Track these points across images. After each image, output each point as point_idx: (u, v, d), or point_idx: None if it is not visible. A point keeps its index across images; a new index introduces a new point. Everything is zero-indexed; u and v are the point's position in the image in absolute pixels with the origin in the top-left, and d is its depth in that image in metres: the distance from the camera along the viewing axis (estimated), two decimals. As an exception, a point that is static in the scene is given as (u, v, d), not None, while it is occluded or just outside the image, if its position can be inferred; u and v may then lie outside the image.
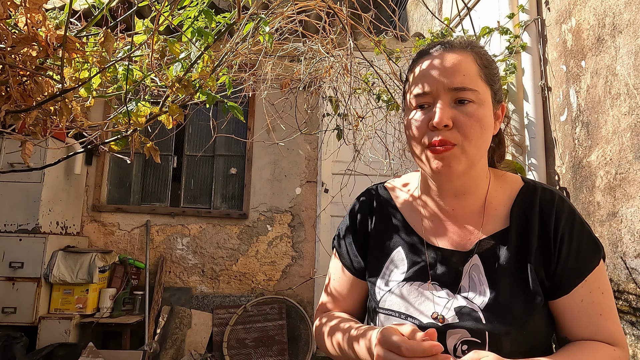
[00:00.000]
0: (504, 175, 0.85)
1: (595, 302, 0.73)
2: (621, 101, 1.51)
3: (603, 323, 0.72)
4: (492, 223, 0.79)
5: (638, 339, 1.41)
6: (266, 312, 3.63)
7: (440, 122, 0.72)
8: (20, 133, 1.46)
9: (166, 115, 1.33)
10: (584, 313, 0.73)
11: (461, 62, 0.76)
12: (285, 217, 3.88)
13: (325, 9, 1.68)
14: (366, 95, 2.24)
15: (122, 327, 3.27)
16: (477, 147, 0.75)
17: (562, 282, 0.74)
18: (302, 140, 3.90)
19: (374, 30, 1.96)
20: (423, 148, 0.76)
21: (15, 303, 3.08)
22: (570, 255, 0.74)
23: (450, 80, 0.75)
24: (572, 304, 0.73)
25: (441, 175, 0.75)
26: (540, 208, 0.77)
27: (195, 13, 1.20)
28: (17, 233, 3.20)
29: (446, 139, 0.73)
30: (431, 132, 0.74)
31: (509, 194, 0.81)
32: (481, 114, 0.75)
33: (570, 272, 0.73)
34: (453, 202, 0.82)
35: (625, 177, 1.47)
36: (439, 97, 0.75)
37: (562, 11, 1.89)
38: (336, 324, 0.85)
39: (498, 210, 0.80)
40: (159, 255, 3.75)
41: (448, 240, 0.80)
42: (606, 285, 0.74)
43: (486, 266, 0.75)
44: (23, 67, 1.02)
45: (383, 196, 0.91)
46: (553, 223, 0.75)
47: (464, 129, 0.73)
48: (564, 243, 0.74)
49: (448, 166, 0.73)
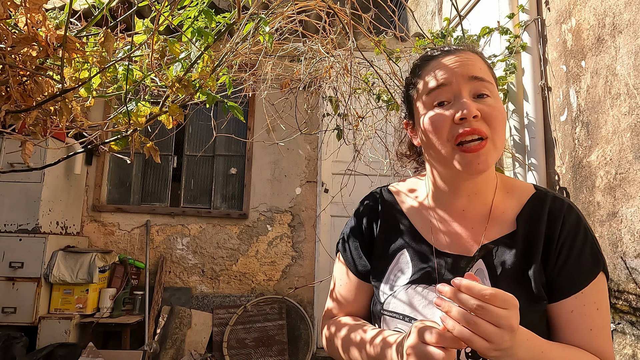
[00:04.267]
0: (514, 181, 0.85)
1: (587, 316, 0.71)
2: (621, 101, 1.51)
3: (592, 338, 0.71)
4: (498, 226, 0.78)
5: (638, 339, 1.41)
6: (266, 312, 3.63)
7: (471, 113, 0.70)
8: (20, 133, 1.46)
9: (166, 115, 1.33)
10: (573, 324, 0.71)
11: (475, 58, 0.77)
12: (285, 217, 3.88)
13: (325, 9, 1.68)
14: (366, 95, 2.24)
15: (122, 327, 3.27)
16: (502, 139, 0.74)
17: (556, 290, 0.73)
18: (302, 140, 3.90)
19: (374, 30, 1.96)
20: (452, 147, 0.73)
21: (15, 303, 3.08)
22: (567, 264, 0.73)
23: (468, 69, 0.74)
24: (562, 312, 0.72)
25: (475, 172, 0.73)
26: (549, 215, 0.76)
27: (195, 13, 1.20)
28: (17, 233, 3.20)
29: (476, 127, 0.71)
30: (457, 125, 0.72)
31: (518, 199, 0.80)
32: (500, 107, 0.74)
33: (565, 282, 0.73)
34: (464, 202, 0.81)
35: (625, 177, 1.47)
36: (460, 89, 0.73)
37: (562, 11, 1.89)
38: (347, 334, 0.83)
39: (505, 214, 0.79)
40: (159, 255, 3.75)
41: (454, 245, 0.79)
42: (603, 301, 0.72)
43: (490, 270, 0.75)
44: (23, 67, 1.02)
45: (388, 200, 0.90)
46: (559, 229, 0.74)
47: (491, 120, 0.72)
48: (563, 250, 0.73)
49: (485, 162, 0.72)
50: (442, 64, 0.76)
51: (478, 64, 0.76)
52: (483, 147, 0.71)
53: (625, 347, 1.46)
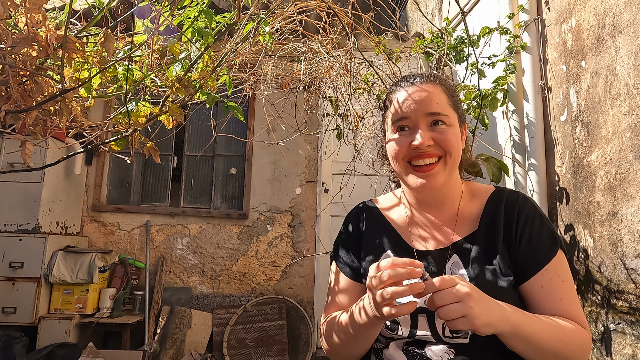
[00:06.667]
0: (478, 186, 0.99)
1: (556, 289, 0.83)
2: (621, 101, 1.51)
3: (565, 307, 0.82)
4: (466, 225, 0.92)
5: (638, 339, 1.41)
6: (266, 312, 3.63)
7: (423, 144, 0.86)
8: (20, 133, 1.46)
9: (166, 115, 1.33)
10: (546, 298, 0.83)
11: (434, 93, 0.91)
12: (285, 217, 3.87)
13: (325, 9, 1.68)
14: (366, 95, 2.24)
15: (122, 327, 3.27)
16: (455, 160, 0.89)
17: (524, 269, 0.85)
18: (302, 140, 3.90)
19: (374, 30, 1.96)
20: (407, 167, 0.90)
21: (15, 303, 3.08)
22: (530, 246, 0.85)
23: (427, 106, 0.89)
24: (533, 289, 0.84)
25: (425, 189, 0.88)
26: (505, 207, 0.90)
27: (195, 13, 1.20)
28: (17, 233, 3.20)
29: (429, 151, 0.87)
30: (412, 150, 0.88)
31: (480, 200, 0.95)
32: (454, 132, 0.90)
33: (531, 261, 0.84)
34: (433, 211, 0.95)
35: (625, 177, 1.47)
36: (418, 122, 0.89)
37: (562, 11, 1.89)
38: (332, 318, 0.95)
39: (472, 214, 0.93)
40: (159, 255, 3.75)
41: (430, 243, 0.93)
42: (566, 274, 0.85)
43: (463, 261, 0.87)
44: (23, 67, 1.02)
45: (371, 207, 1.05)
46: (515, 218, 0.88)
47: (443, 144, 0.87)
48: (524, 235, 0.86)
49: (433, 180, 0.87)
50: (405, 99, 0.91)
51: (436, 97, 0.90)
52: (433, 168, 0.87)
53: (625, 347, 1.46)
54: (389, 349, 0.88)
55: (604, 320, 1.56)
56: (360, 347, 0.90)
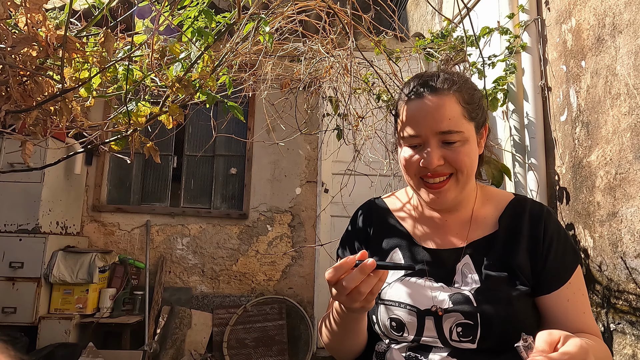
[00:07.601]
0: (493, 190, 0.98)
1: (579, 302, 0.84)
2: (621, 101, 1.51)
3: (586, 319, 0.84)
4: (481, 229, 0.90)
5: (638, 339, 1.41)
6: (266, 312, 3.63)
7: (432, 164, 0.83)
8: (20, 133, 1.46)
9: (166, 115, 1.33)
10: (571, 310, 0.83)
11: (446, 106, 0.84)
12: (285, 217, 3.87)
13: (325, 9, 1.68)
14: (366, 95, 2.24)
15: (122, 327, 3.27)
16: (468, 175, 0.86)
17: (549, 281, 0.83)
18: (302, 140, 3.90)
19: (374, 30, 1.96)
20: (419, 182, 0.88)
21: (15, 303, 3.08)
22: (556, 259, 0.84)
23: (437, 125, 0.83)
24: (559, 301, 0.83)
25: (436, 204, 0.88)
26: (530, 215, 0.88)
27: (195, 13, 1.20)
28: (17, 233, 3.20)
29: (439, 171, 0.84)
30: (423, 168, 0.85)
31: (497, 204, 0.93)
32: (467, 150, 0.85)
33: (556, 274, 0.84)
34: (445, 215, 0.93)
35: (625, 177, 1.47)
36: (428, 140, 0.84)
37: (562, 11, 1.89)
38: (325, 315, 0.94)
39: (487, 219, 0.91)
40: (159, 255, 3.75)
41: (441, 243, 0.91)
42: (584, 288, 0.86)
43: (476, 263, 0.85)
44: (23, 67, 1.02)
45: (380, 206, 1.02)
46: (542, 229, 0.86)
47: (454, 163, 0.84)
48: (551, 248, 0.85)
49: (444, 197, 0.85)
50: (413, 114, 0.85)
51: (448, 112, 0.83)
52: (445, 184, 0.85)
53: (625, 347, 1.46)
54: (392, 354, 0.86)
55: (604, 320, 1.56)
56: (352, 342, 0.89)
